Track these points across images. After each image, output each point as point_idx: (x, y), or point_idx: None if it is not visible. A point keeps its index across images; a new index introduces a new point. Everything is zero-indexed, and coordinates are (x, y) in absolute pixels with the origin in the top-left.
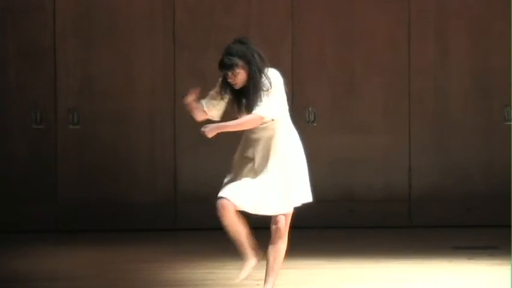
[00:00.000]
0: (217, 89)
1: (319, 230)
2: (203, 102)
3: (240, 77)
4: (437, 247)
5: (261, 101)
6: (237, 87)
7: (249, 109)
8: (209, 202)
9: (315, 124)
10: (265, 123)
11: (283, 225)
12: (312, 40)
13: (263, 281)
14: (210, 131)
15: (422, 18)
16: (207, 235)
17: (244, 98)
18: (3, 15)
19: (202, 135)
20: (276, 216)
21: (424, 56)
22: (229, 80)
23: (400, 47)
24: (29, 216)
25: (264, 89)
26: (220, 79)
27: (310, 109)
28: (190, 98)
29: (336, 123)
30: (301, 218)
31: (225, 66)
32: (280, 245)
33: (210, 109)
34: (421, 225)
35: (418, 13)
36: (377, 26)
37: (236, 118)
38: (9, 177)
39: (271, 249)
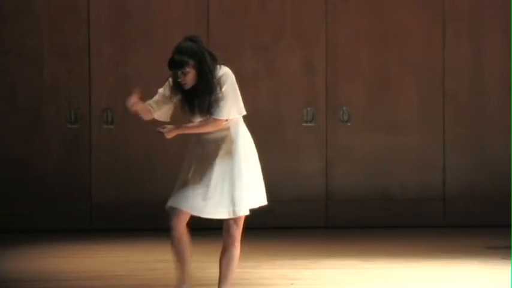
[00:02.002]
0: (165, 89)
1: (354, 229)
2: (151, 102)
3: (190, 76)
4: (471, 247)
5: (217, 102)
6: (187, 87)
7: (202, 110)
8: None
9: (349, 124)
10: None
11: (235, 231)
12: (346, 40)
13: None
14: (169, 132)
15: (457, 18)
16: (241, 234)
17: (196, 99)
18: (39, 15)
19: (162, 135)
20: (227, 222)
21: (459, 56)
22: (179, 80)
23: (434, 46)
24: (63, 215)
25: (218, 89)
26: (169, 79)
27: (344, 109)
28: (133, 99)
29: (370, 122)
30: (337, 218)
31: (175, 65)
32: (233, 251)
33: (158, 109)
34: (456, 224)
35: (453, 13)
36: (411, 25)
37: (188, 120)
38: (43, 176)
39: (223, 256)
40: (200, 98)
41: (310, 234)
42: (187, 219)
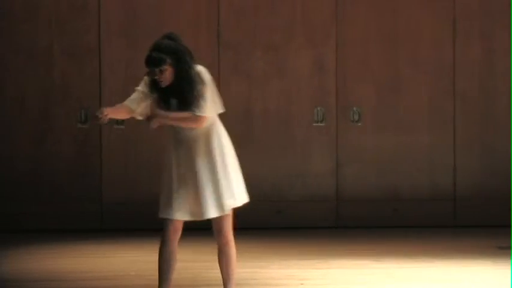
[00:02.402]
0: (142, 86)
1: (364, 229)
2: (129, 101)
3: (167, 74)
4: (482, 247)
5: (198, 100)
6: (163, 85)
7: (180, 108)
8: (252, 201)
9: (360, 124)
10: None
11: (226, 230)
12: (357, 39)
13: (304, 280)
14: (154, 122)
15: (467, 17)
16: (250, 234)
17: (173, 97)
18: (49, 15)
19: (152, 127)
20: (217, 222)
21: (469, 55)
22: (156, 77)
23: (445, 45)
24: (74, 215)
25: (197, 87)
26: (145, 77)
27: (354, 109)
28: (106, 111)
29: (381, 122)
30: (346, 218)
31: (153, 62)
32: (228, 251)
33: (138, 107)
34: (466, 224)
35: (463, 11)
36: (421, 25)
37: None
38: (54, 176)
39: (220, 257)
40: (181, 96)
41: (320, 234)
42: (181, 230)
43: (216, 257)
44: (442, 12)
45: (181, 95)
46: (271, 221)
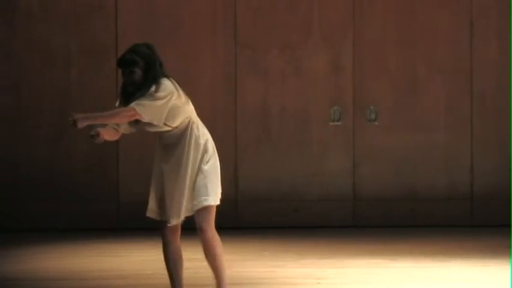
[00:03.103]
0: (119, 102)
1: (381, 229)
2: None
3: (136, 76)
4: (499, 246)
5: (142, 96)
6: (131, 88)
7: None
8: (270, 201)
9: (377, 123)
10: (169, 131)
11: (207, 228)
12: (374, 39)
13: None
14: (81, 121)
15: (484, 17)
16: (267, 233)
17: (131, 93)
18: (66, 14)
19: (73, 124)
20: (198, 221)
21: (487, 55)
22: (125, 79)
23: (462, 45)
24: (91, 214)
25: (151, 91)
26: (120, 90)
27: (371, 108)
28: (101, 133)
29: (398, 122)
30: (363, 217)
31: (125, 62)
32: (213, 250)
33: (121, 124)
34: (483, 224)
35: (480, 12)
36: (439, 25)
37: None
38: (71, 176)
39: (207, 256)
40: (136, 96)
41: (337, 233)
42: (180, 229)
43: (233, 256)
44: (459, 12)
45: (133, 97)
46: (288, 220)
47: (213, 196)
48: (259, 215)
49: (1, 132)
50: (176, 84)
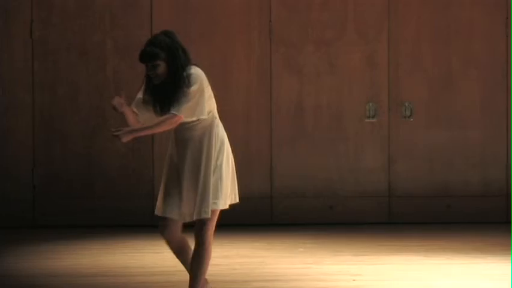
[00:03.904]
0: (142, 93)
1: (416, 225)
2: (133, 106)
3: (160, 69)
4: None
5: (179, 99)
6: (157, 81)
7: (165, 111)
8: (305, 197)
9: (412, 119)
10: (189, 123)
11: (204, 232)
12: (409, 35)
13: (356, 276)
14: (125, 136)
15: None
16: (303, 230)
17: (166, 97)
18: (102, 12)
19: (117, 138)
20: (199, 221)
21: None
22: (149, 73)
23: (497, 41)
24: (126, 210)
25: (184, 87)
26: (144, 79)
27: (406, 104)
28: (121, 100)
29: (433, 118)
30: (399, 214)
31: (147, 56)
32: (203, 252)
33: (141, 114)
34: None
35: None
36: (474, 20)
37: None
38: (106, 172)
39: (193, 257)
40: (170, 96)
41: (372, 230)
42: (180, 227)
43: (268, 253)
44: (495, 8)
45: (171, 94)
46: (323, 216)
47: (222, 200)
48: (294, 212)
49: (38, 128)
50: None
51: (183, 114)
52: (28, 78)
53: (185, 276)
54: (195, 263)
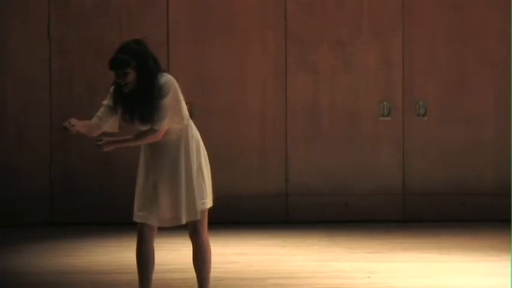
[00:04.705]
0: (109, 99)
1: (431, 223)
2: (96, 117)
3: (130, 78)
4: None
5: (158, 112)
6: (127, 89)
7: (143, 118)
8: (321, 195)
9: (426, 118)
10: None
11: (201, 232)
12: (423, 35)
13: (371, 273)
14: (106, 145)
15: None
16: (318, 227)
17: (136, 106)
18: (118, 11)
19: (99, 147)
20: (192, 225)
21: None
22: (119, 80)
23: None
24: None
25: (158, 97)
26: (111, 87)
27: (421, 103)
28: (73, 121)
29: (447, 116)
30: (413, 211)
31: (117, 64)
32: (204, 252)
33: (105, 123)
34: None
35: None
36: (488, 20)
37: (129, 128)
38: (122, 170)
39: (196, 259)
40: (139, 105)
41: (387, 227)
42: (156, 229)
43: (284, 250)
44: (508, 8)
45: (141, 103)
46: (339, 214)
47: (209, 198)
48: (309, 209)
49: (55, 126)
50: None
51: (165, 126)
52: (45, 77)
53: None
54: (201, 266)
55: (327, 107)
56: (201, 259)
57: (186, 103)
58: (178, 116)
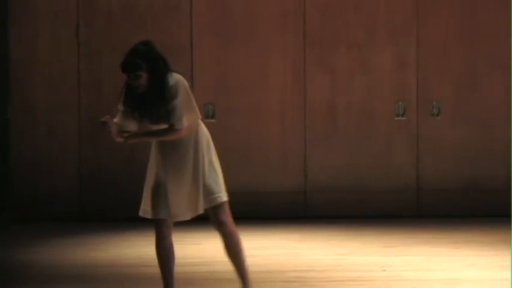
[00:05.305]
0: (121, 105)
1: (443, 218)
2: (116, 123)
3: (143, 79)
4: None
5: (175, 112)
6: (140, 90)
7: (153, 118)
8: (337, 192)
9: (439, 118)
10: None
11: (226, 219)
12: (436, 37)
13: (387, 267)
14: (130, 138)
15: None
16: (334, 223)
17: (146, 106)
18: (144, 15)
19: (124, 139)
20: (216, 215)
21: None
22: (132, 83)
23: None
24: None
25: (171, 98)
26: (123, 90)
27: (434, 103)
28: (110, 121)
29: (459, 116)
30: (427, 207)
31: (129, 67)
32: (235, 244)
33: (124, 127)
34: None
35: None
36: (498, 22)
37: (140, 127)
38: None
39: (229, 251)
40: (150, 105)
41: (401, 223)
42: (172, 226)
43: (302, 244)
44: None
45: (151, 103)
46: (355, 210)
47: (224, 192)
48: (327, 205)
49: (83, 125)
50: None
51: (185, 124)
52: (74, 78)
53: (224, 266)
54: (233, 254)
55: (344, 107)
56: (230, 248)
57: (209, 103)
58: (193, 112)
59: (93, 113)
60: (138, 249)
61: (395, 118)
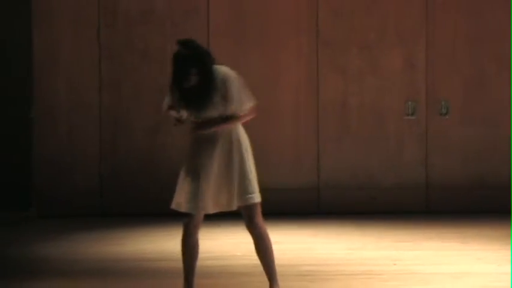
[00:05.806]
0: (172, 98)
1: (452, 214)
2: (175, 112)
3: (194, 80)
4: None
5: (234, 99)
6: (187, 85)
7: (201, 108)
8: (349, 189)
9: (448, 117)
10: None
11: (257, 219)
12: (445, 39)
13: (397, 261)
14: (203, 128)
15: None
16: (346, 219)
17: (195, 98)
18: (163, 18)
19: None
20: (248, 213)
21: None
22: (185, 85)
23: None
24: None
25: (222, 88)
26: (170, 87)
27: (443, 103)
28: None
29: (467, 115)
30: (436, 203)
31: (181, 76)
32: (263, 242)
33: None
34: None
35: None
36: (506, 24)
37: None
38: (167, 164)
39: (260, 251)
40: (201, 97)
41: (411, 218)
42: (200, 225)
43: (315, 239)
44: None
45: (201, 96)
46: (366, 206)
47: (258, 193)
48: (339, 202)
49: (104, 124)
50: None
51: (253, 101)
52: (95, 79)
53: (238, 260)
54: (263, 255)
55: (356, 106)
56: (261, 248)
57: None
58: (251, 96)
59: (113, 113)
60: (157, 244)
61: (405, 117)
